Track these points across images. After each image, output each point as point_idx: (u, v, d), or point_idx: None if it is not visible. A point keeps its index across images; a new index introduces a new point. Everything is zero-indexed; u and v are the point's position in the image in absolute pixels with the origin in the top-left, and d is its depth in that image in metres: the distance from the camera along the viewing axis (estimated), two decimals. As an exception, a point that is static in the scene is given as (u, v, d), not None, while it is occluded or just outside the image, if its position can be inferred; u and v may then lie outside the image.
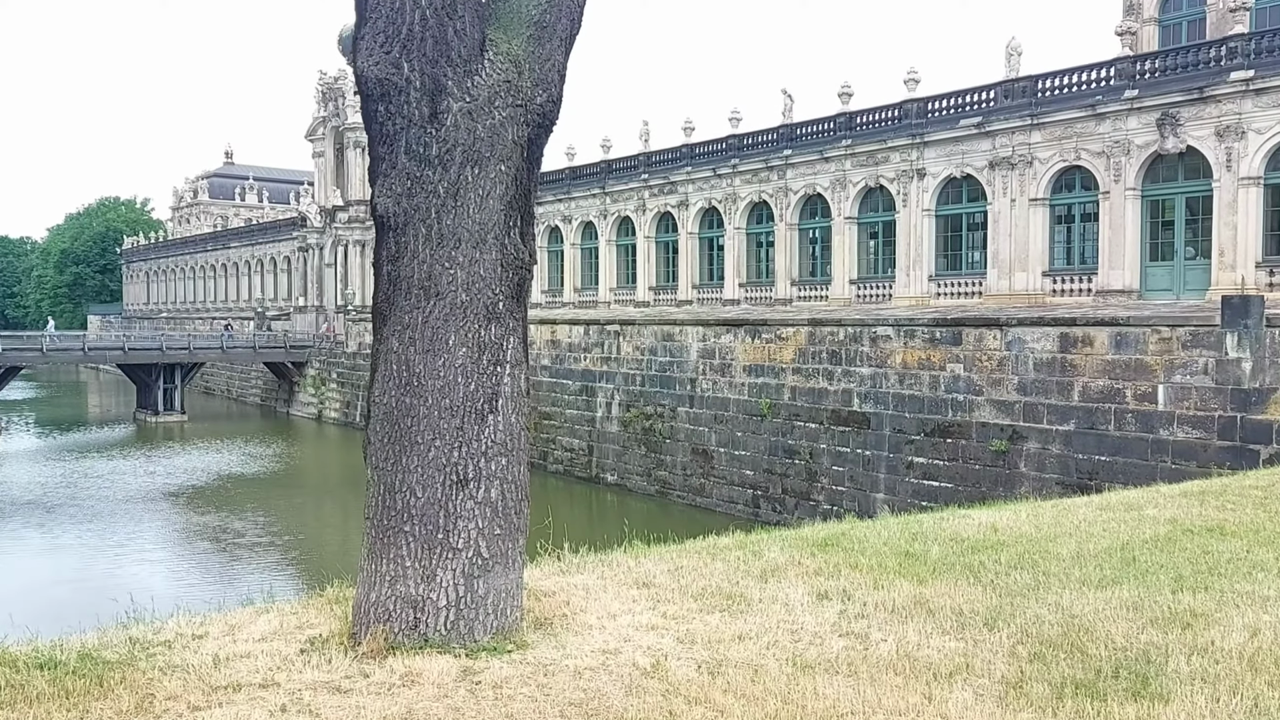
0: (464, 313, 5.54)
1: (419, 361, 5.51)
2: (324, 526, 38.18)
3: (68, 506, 37.65)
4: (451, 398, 5.50)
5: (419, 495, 5.47)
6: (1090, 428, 23.48)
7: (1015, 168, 30.93)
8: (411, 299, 5.53)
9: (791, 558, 7.38)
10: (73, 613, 23.21)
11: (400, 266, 5.56)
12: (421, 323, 5.52)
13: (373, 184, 5.74)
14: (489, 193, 5.59)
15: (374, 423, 5.65)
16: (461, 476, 5.50)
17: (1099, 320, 23.66)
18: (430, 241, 5.51)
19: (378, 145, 5.64)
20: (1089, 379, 23.73)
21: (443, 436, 5.49)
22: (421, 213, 5.52)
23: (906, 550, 7.56)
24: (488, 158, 5.57)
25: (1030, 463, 24.57)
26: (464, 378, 5.53)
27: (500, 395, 5.63)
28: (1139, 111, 28.06)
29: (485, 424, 5.57)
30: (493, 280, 5.61)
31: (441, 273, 5.50)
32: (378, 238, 5.75)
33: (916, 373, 27.90)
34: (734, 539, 8.37)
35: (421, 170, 5.51)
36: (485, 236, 5.58)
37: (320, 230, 67.84)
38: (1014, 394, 25.25)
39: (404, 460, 5.50)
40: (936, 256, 33.75)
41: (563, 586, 6.71)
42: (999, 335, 25.81)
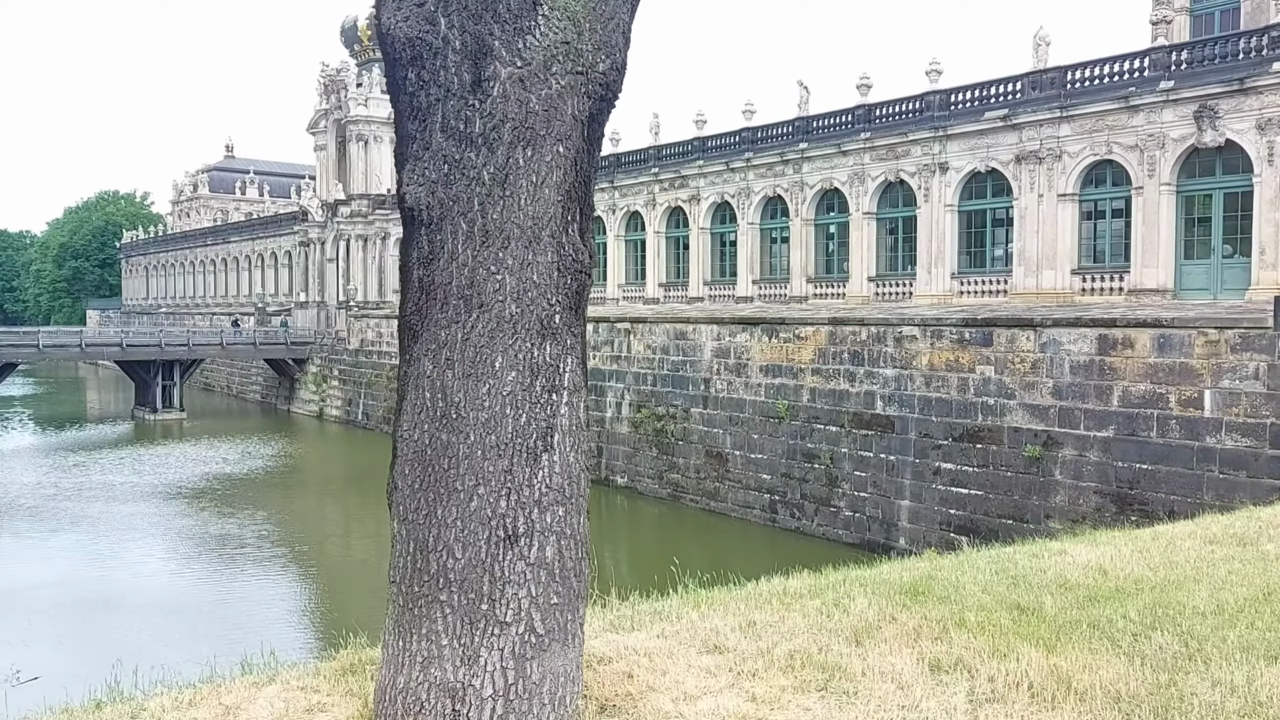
0: (513, 328, 4.47)
1: (458, 388, 4.44)
2: (326, 532, 37.17)
3: (60, 509, 36.62)
4: (498, 433, 4.44)
5: (458, 556, 4.40)
6: (1131, 434, 22.40)
7: (1043, 161, 29.86)
8: (449, 311, 4.46)
9: (882, 611, 6.32)
10: (52, 646, 22.21)
11: (435, 271, 4.48)
12: (461, 340, 4.45)
13: (400, 169, 4.66)
14: (544, 179, 4.51)
15: (401, 464, 4.59)
16: (510, 531, 4.43)
17: (1140, 321, 22.58)
18: (472, 240, 4.44)
19: (407, 121, 4.56)
20: (1129, 383, 22.64)
21: (487, 482, 4.42)
22: (462, 204, 4.44)
23: (1015, 602, 6.49)
24: (542, 136, 4.49)
25: (1066, 470, 23.49)
26: (513, 408, 4.46)
27: (556, 429, 4.56)
28: (1175, 104, 26.99)
29: (538, 465, 4.50)
30: (547, 287, 4.54)
31: (486, 279, 4.43)
32: (406, 235, 4.67)
33: (944, 374, 26.81)
34: (805, 582, 7.32)
35: (462, 152, 4.44)
36: (539, 234, 4.51)
37: (322, 224, 66.75)
38: (1049, 398, 24.17)
39: (439, 511, 4.43)
40: (959, 253, 32.69)
41: (619, 650, 5.64)
42: (1033, 336, 24.71)
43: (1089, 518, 22.77)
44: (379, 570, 22.38)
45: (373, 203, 63.30)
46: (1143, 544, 8.43)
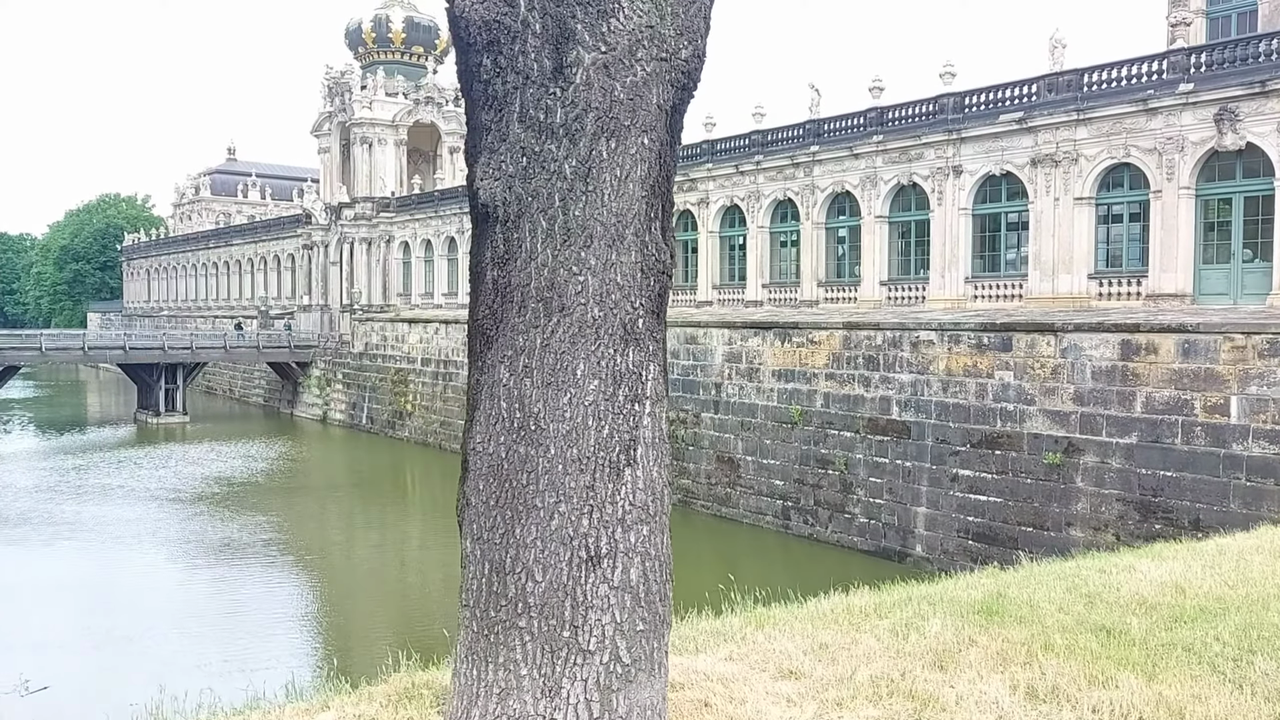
0: (595, 333, 4.15)
1: (537, 398, 4.12)
2: (334, 538, 36.84)
3: (63, 513, 36.29)
4: (580, 446, 4.12)
5: (538, 578, 4.08)
6: (1154, 441, 22.09)
7: (1059, 165, 29.55)
8: (527, 315, 4.14)
9: (959, 632, 5.99)
10: (58, 653, 21.86)
11: (512, 272, 4.17)
12: (540, 346, 4.13)
13: (472, 162, 4.34)
14: (628, 174, 4.20)
15: (475, 479, 4.26)
16: (593, 552, 4.12)
17: (1165, 326, 22.28)
18: (553, 239, 4.13)
19: (481, 111, 4.25)
20: (1153, 389, 22.33)
21: (568, 499, 4.10)
22: (542, 200, 4.13)
23: (1099, 624, 6.17)
24: (627, 127, 4.18)
25: (1088, 477, 23.17)
26: (595, 419, 4.15)
27: (639, 442, 4.25)
28: (1194, 106, 26.68)
29: (621, 481, 4.19)
30: (631, 290, 4.23)
31: (568, 280, 4.12)
32: (477, 233, 4.36)
33: (962, 380, 26.49)
34: (868, 599, 6.99)
35: (542, 143, 4.12)
36: (623, 232, 4.20)
37: (325, 227, 66.45)
38: (1070, 404, 23.85)
39: (518, 531, 4.11)
40: (973, 257, 32.38)
41: (689, 675, 5.32)
42: (1053, 341, 24.40)
43: (1111, 525, 22.47)
44: (384, 577, 22.15)
45: (377, 205, 63.02)
46: (1210, 559, 8.12)
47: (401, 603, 27.94)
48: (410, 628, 25.56)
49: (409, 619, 26.34)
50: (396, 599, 28.21)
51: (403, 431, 54.84)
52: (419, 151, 68.78)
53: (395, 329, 58.07)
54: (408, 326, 56.67)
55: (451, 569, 20.88)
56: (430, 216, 59.16)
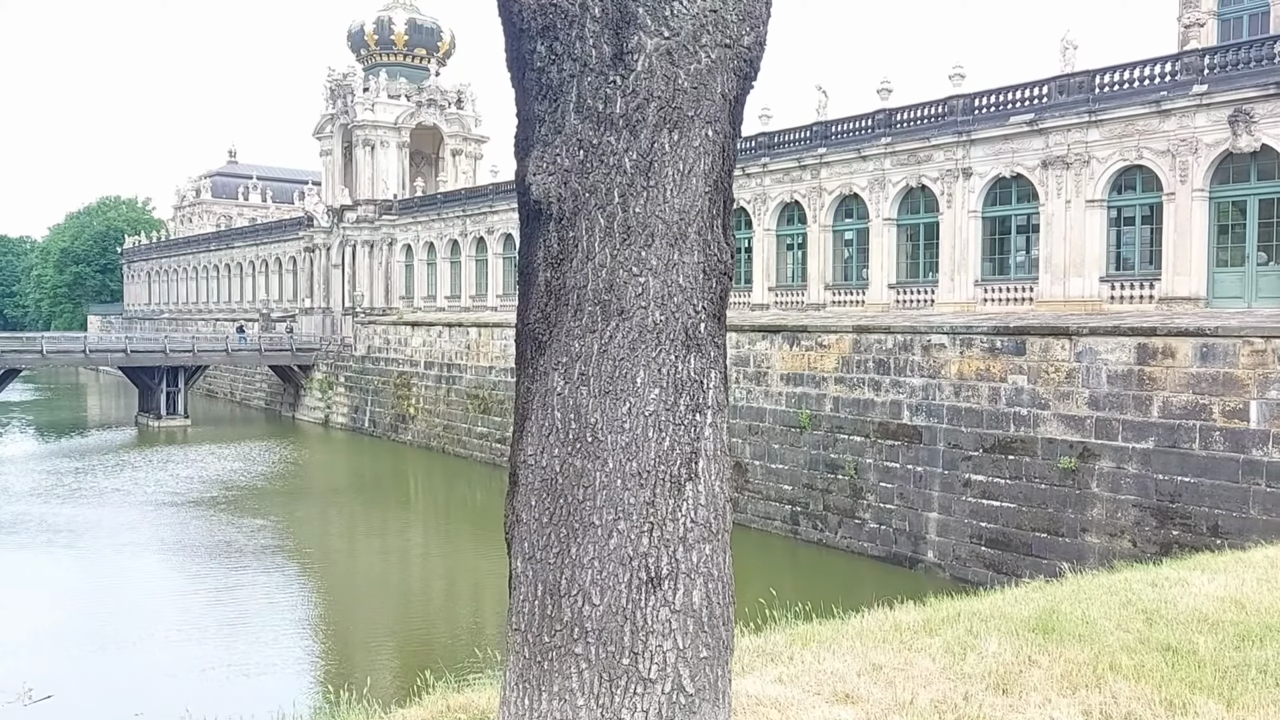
0: (656, 338, 3.88)
1: (594, 408, 3.85)
2: (338, 545, 36.58)
3: (65, 517, 36.01)
4: (640, 459, 3.85)
5: (596, 601, 3.81)
6: (1172, 446, 21.82)
7: (1070, 167, 29.33)
8: (583, 319, 3.87)
9: (1018, 652, 5.72)
10: (60, 661, 21.54)
11: (567, 273, 3.90)
12: (598, 352, 3.86)
13: (522, 156, 4.08)
14: (691, 168, 3.94)
15: (526, 494, 3.99)
16: (653, 573, 3.84)
17: (1182, 330, 22.02)
18: (611, 237, 3.86)
19: (534, 101, 3.98)
20: (1170, 393, 22.06)
21: (628, 515, 3.83)
22: (600, 196, 3.86)
23: (1163, 642, 5.90)
24: (691, 118, 3.92)
25: (1103, 483, 22.89)
26: (656, 430, 3.87)
27: (701, 454, 3.98)
28: (1208, 108, 26.47)
29: (682, 496, 3.92)
30: (693, 291, 3.96)
31: (627, 281, 3.85)
32: (527, 231, 4.09)
33: (974, 384, 26.22)
34: (913, 615, 6.72)
35: (600, 135, 3.86)
36: (685, 230, 3.94)
37: (327, 230, 66.18)
38: (1085, 408, 23.58)
39: (574, 550, 3.84)
40: (983, 260, 32.12)
41: (742, 700, 5.05)
42: (1068, 345, 24.14)
43: (1128, 532, 22.19)
44: (387, 582, 21.82)
45: (379, 208, 62.76)
46: (1262, 571, 7.85)
47: (404, 608, 27.69)
48: (413, 633, 25.31)
49: (411, 625, 26.10)
50: (399, 604, 27.95)
51: (405, 435, 54.56)
52: (421, 154, 68.53)
53: (398, 332, 57.79)
54: (411, 330, 56.40)
55: (453, 573, 21.00)
56: (433, 219, 58.91)
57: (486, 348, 49.39)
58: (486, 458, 47.34)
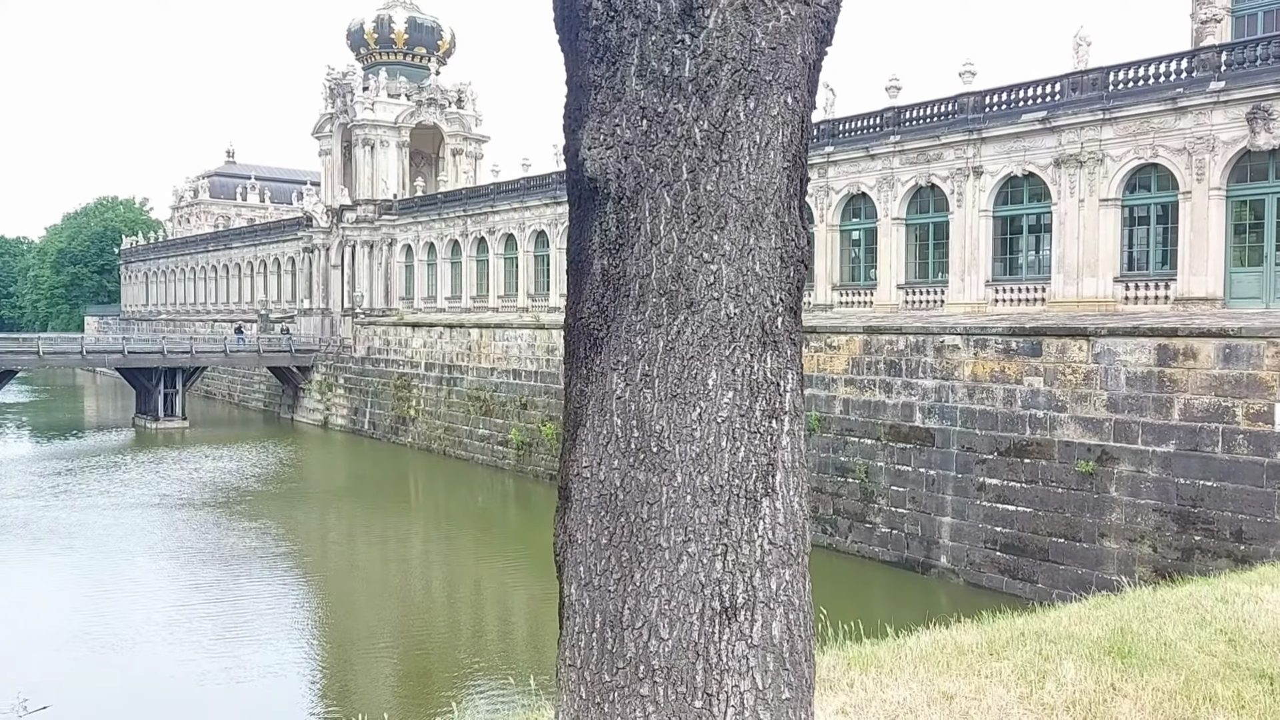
0: (730, 334, 3.41)
1: (660, 413, 3.37)
2: (341, 550, 36.09)
3: (61, 521, 35.49)
4: (711, 472, 3.38)
5: (664, 635, 3.32)
6: (1193, 449, 21.36)
7: (1084, 165, 28.87)
8: (647, 312, 3.39)
9: (1099, 680, 5.24)
10: (57, 669, 21.00)
11: (627, 260, 3.42)
12: (664, 350, 3.38)
13: (574, 128, 3.59)
14: (769, 140, 3.46)
15: (581, 511, 3.51)
16: (728, 602, 3.37)
17: (1204, 331, 21.57)
18: (679, 219, 3.38)
19: (589, 65, 3.50)
20: (1191, 395, 21.61)
21: (699, 537, 3.35)
22: (666, 171, 3.38)
23: (1255, 668, 5.44)
24: (768, 83, 3.44)
25: (1122, 486, 22.42)
26: (729, 439, 3.40)
27: (778, 466, 3.50)
28: (1225, 105, 26.03)
29: (759, 514, 3.44)
30: (770, 281, 3.49)
31: (697, 269, 3.37)
32: (579, 214, 3.60)
33: (988, 386, 25.75)
34: (974, 635, 6.24)
35: (667, 102, 3.37)
36: (762, 211, 3.46)
37: (326, 230, 65.66)
38: (1103, 411, 23.11)
39: (638, 576, 3.36)
40: (993, 260, 31.66)
41: (807, 733, 4.53)
42: (1085, 346, 23.67)
43: (1148, 537, 21.74)
44: (386, 586, 21.20)
45: (379, 208, 62.26)
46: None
47: (404, 613, 27.23)
48: (413, 639, 24.87)
49: (412, 630, 25.67)
50: (399, 610, 27.50)
51: (406, 437, 54.05)
52: (421, 153, 68.04)
53: (398, 333, 57.28)
54: (411, 331, 55.89)
55: (454, 578, 20.34)
56: (433, 219, 58.42)
57: (488, 349, 48.89)
58: (488, 460, 46.85)
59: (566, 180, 3.69)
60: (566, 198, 3.77)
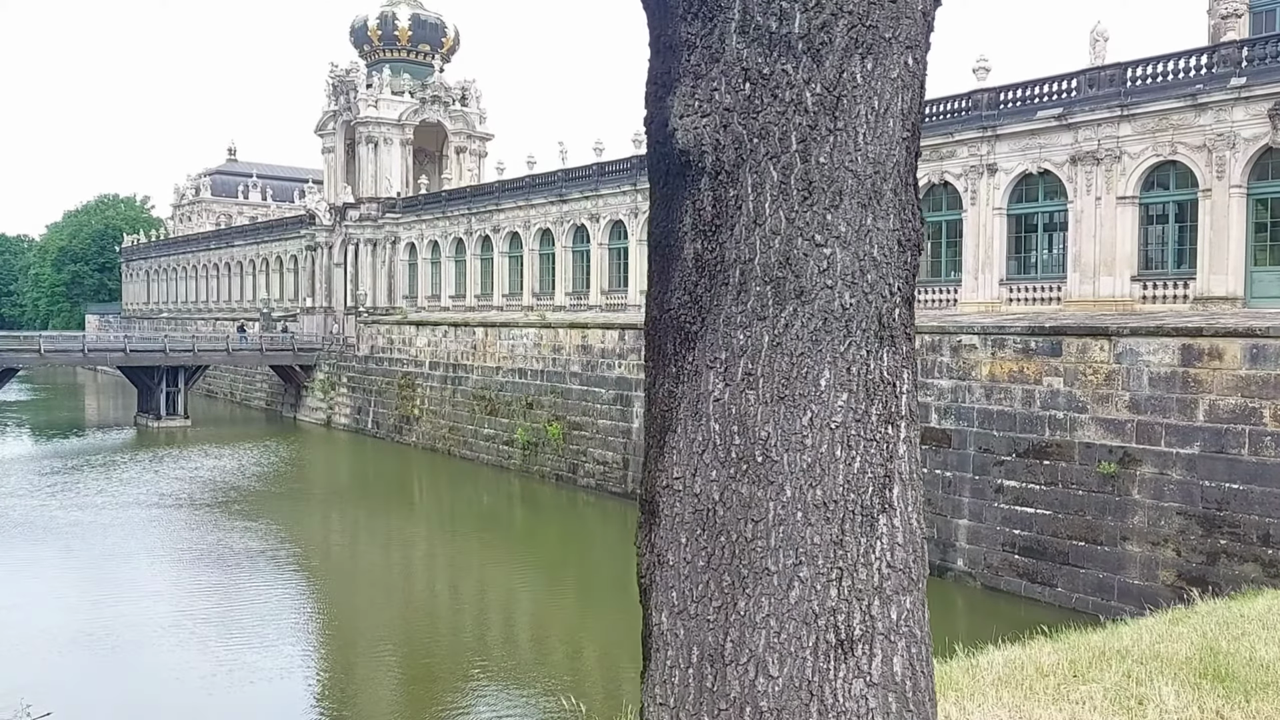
0: (845, 327, 3.00)
1: (766, 417, 2.96)
2: (334, 548, 35.69)
3: (63, 522, 35.09)
4: (825, 486, 2.96)
5: (773, 672, 2.91)
6: (1219, 451, 20.94)
7: (1101, 163, 28.46)
8: (749, 302, 2.98)
9: (1201, 705, 4.84)
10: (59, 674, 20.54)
11: (726, 243, 3.01)
12: (770, 346, 2.97)
13: (658, 96, 3.17)
14: (888, 106, 3.05)
15: (672, 528, 3.09)
16: (844, 634, 2.95)
17: (1230, 330, 21.15)
18: (788, 196, 2.96)
19: (681, 22, 3.09)
20: (1217, 396, 21.19)
21: (812, 559, 2.94)
22: (772, 142, 2.97)
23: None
24: (888, 41, 3.03)
25: (1145, 489, 22.00)
26: (844, 448, 2.99)
27: (894, 479, 3.10)
28: (1246, 101, 25.61)
29: (876, 533, 3.03)
30: (888, 268, 3.08)
31: (808, 254, 2.96)
32: (666, 192, 3.19)
33: (1007, 386, 25.32)
34: (1052, 654, 5.82)
35: (773, 63, 2.96)
36: (880, 187, 3.05)
37: (329, 228, 65.24)
38: (1125, 412, 22.69)
39: (742, 604, 2.95)
40: (1008, 259, 31.25)
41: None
42: (1107, 346, 23.25)
43: (1171, 540, 21.33)
44: (390, 587, 20.70)
45: (382, 206, 61.85)
46: None
47: (408, 615, 26.88)
48: (416, 641, 24.53)
49: (415, 632, 25.33)
50: (403, 611, 27.15)
51: (410, 437, 53.63)
52: (425, 151, 67.61)
53: (402, 332, 56.85)
54: (415, 329, 55.47)
55: (458, 579, 19.75)
56: (437, 217, 58.00)
57: (493, 348, 48.47)
58: (493, 460, 46.44)
59: (648, 155, 3.27)
60: (648, 175, 3.35)
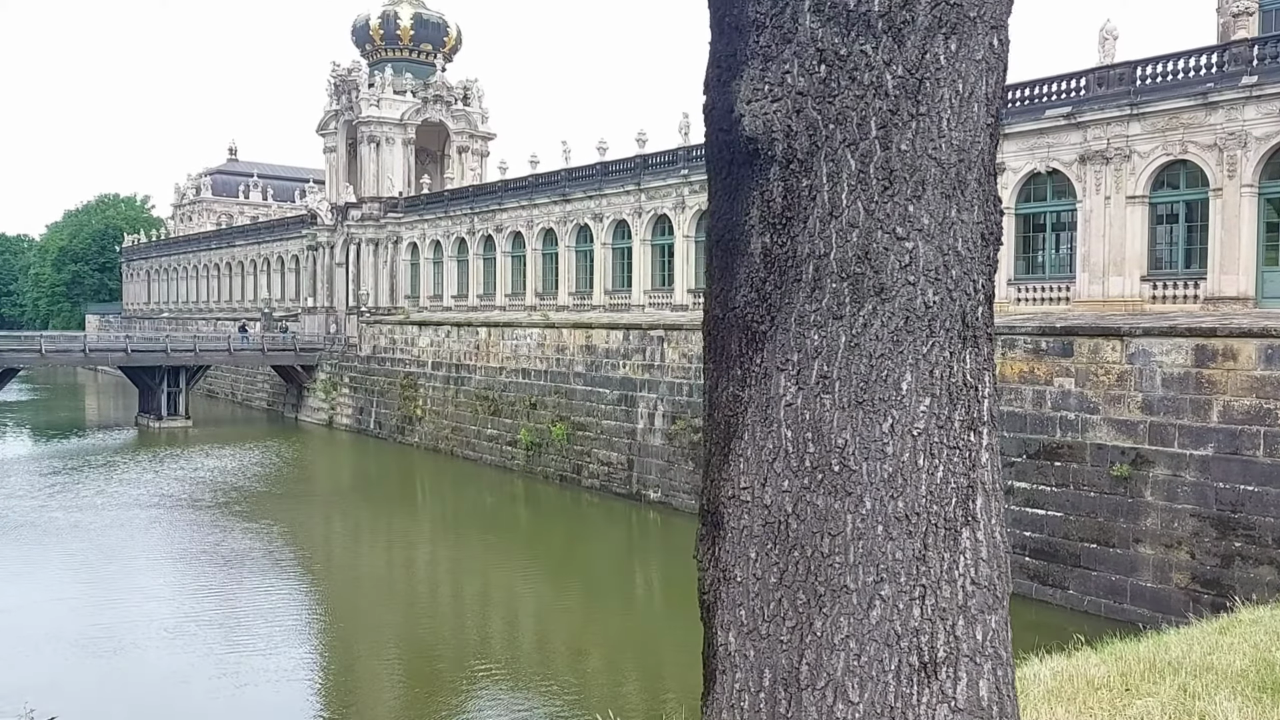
0: (928, 327, 2.80)
1: (843, 424, 2.76)
2: (335, 550, 35.48)
3: (65, 523, 34.87)
4: (906, 497, 2.77)
5: (853, 698, 2.72)
6: (1233, 453, 20.74)
7: (1110, 162, 28.26)
8: (824, 300, 2.78)
9: (1268, 720, 4.60)
10: (62, 676, 20.34)
11: (798, 236, 2.80)
12: (847, 347, 2.77)
13: (723, 80, 2.97)
14: (972, 90, 2.86)
15: (739, 541, 2.89)
16: (927, 657, 2.75)
17: (1245, 331, 20.94)
18: (866, 185, 2.76)
19: (747, 1, 2.88)
20: (1231, 397, 20.99)
21: (894, 576, 2.74)
22: (850, 128, 2.77)
23: None
24: (973, 20, 2.85)
25: (1159, 491, 21.80)
26: (927, 456, 2.79)
27: (978, 489, 2.90)
28: (1258, 100, 25.42)
29: (959, 548, 2.83)
30: (972, 263, 2.89)
31: (889, 247, 2.77)
32: (729, 183, 2.98)
33: (1017, 387, 25.12)
34: (1099, 666, 5.61)
35: (850, 42, 2.76)
36: (965, 176, 2.85)
37: (331, 228, 65.04)
38: (1138, 413, 22.49)
39: (818, 624, 2.75)
40: (1015, 259, 31.05)
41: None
42: (1119, 346, 23.05)
43: (1185, 543, 21.13)
44: (392, 589, 20.43)
45: (384, 206, 61.65)
46: None
47: (410, 616, 26.69)
48: (419, 644, 24.35)
49: (418, 635, 25.16)
50: (405, 613, 26.95)
51: (412, 437, 53.41)
52: (427, 151, 67.42)
53: (405, 332, 56.64)
54: (418, 329, 55.25)
55: (461, 581, 19.44)
56: (440, 217, 57.80)
57: (496, 348, 48.26)
58: (497, 461, 46.22)
59: (708, 144, 3.07)
60: (706, 165, 3.14)
